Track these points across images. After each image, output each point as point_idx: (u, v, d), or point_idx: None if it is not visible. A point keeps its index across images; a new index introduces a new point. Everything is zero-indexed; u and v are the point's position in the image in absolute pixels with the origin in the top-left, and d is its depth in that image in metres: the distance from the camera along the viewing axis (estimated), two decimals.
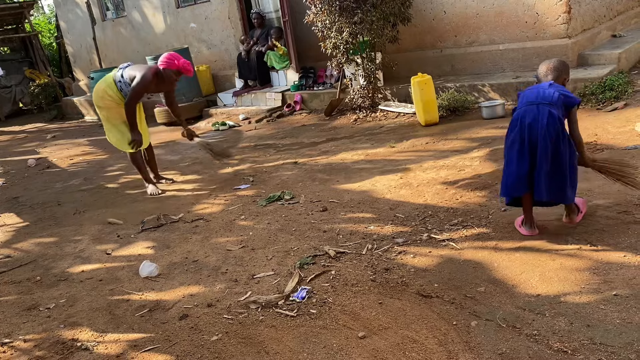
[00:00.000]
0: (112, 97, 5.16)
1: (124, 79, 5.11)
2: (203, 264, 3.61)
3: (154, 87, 5.15)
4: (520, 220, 3.34)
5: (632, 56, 6.80)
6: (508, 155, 3.20)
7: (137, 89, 5.00)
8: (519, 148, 3.10)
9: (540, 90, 3.14)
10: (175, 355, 2.62)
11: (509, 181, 3.16)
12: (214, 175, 5.83)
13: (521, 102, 3.21)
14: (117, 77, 5.15)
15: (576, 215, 3.26)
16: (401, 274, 3.04)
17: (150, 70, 5.04)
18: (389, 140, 5.95)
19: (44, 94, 13.57)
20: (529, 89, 3.24)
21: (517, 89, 6.42)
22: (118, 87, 5.14)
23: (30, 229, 4.96)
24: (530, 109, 3.09)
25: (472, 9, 7.18)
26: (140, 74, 4.99)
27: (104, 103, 5.21)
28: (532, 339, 2.32)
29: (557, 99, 3.06)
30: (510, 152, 3.16)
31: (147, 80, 4.99)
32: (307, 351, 2.49)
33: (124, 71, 5.15)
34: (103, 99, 5.19)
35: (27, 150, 9.38)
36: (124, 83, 5.10)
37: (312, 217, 4.11)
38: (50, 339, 2.95)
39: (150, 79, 5.01)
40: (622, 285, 2.58)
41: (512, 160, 3.15)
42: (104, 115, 5.32)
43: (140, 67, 5.11)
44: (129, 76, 5.07)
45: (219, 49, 10.05)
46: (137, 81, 4.98)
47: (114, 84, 5.15)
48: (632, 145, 4.34)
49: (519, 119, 3.13)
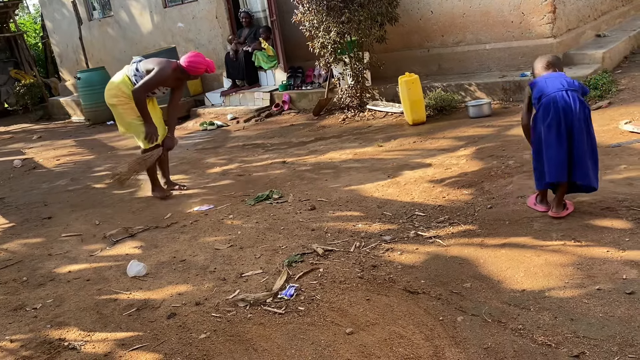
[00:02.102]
0: (126, 94, 4.83)
1: (140, 72, 4.81)
2: (191, 263, 3.60)
3: (171, 82, 4.88)
4: (534, 198, 3.48)
5: (615, 56, 6.90)
6: (546, 139, 3.22)
7: (152, 81, 4.71)
8: (557, 132, 3.16)
9: (561, 78, 3.21)
10: (164, 353, 2.62)
11: (551, 166, 3.21)
12: (202, 175, 5.82)
13: (546, 88, 3.21)
14: (131, 72, 4.86)
15: (563, 210, 3.32)
16: (388, 271, 3.07)
17: (170, 64, 4.78)
18: (377, 140, 5.98)
19: (30, 95, 13.43)
20: (544, 78, 3.27)
21: (503, 88, 6.50)
22: (133, 82, 4.82)
23: (16, 230, 4.92)
24: (560, 94, 3.15)
25: (459, 9, 7.24)
26: (158, 67, 4.73)
27: (117, 100, 4.87)
28: (517, 333, 2.35)
29: (579, 87, 3.19)
30: (549, 136, 3.19)
31: (165, 74, 4.73)
32: (295, 348, 2.50)
33: (138, 64, 4.86)
34: (116, 96, 4.87)
35: (12, 151, 9.29)
36: (140, 76, 4.80)
37: (300, 215, 4.12)
38: (37, 339, 2.93)
39: (168, 73, 4.75)
40: (605, 280, 2.62)
41: (551, 144, 3.18)
42: (118, 113, 4.96)
43: (158, 61, 4.85)
44: (145, 69, 4.79)
45: (206, 48, 10.02)
46: (154, 72, 4.70)
47: (128, 79, 4.84)
48: (615, 143, 4.40)
49: (551, 103, 3.16)
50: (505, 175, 4.19)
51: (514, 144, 4.86)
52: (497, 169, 4.36)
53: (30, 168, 7.66)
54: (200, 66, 4.76)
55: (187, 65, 4.75)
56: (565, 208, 3.34)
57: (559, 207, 3.32)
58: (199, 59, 4.79)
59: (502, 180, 4.11)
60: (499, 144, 5.00)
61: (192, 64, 4.75)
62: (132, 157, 5.17)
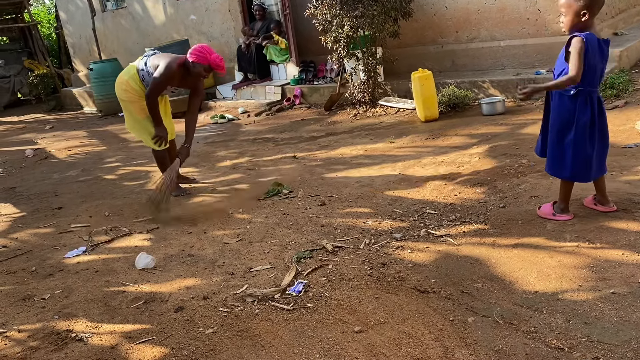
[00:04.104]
0: (135, 90, 4.66)
1: (147, 67, 4.61)
2: (200, 257, 3.59)
3: (178, 80, 4.63)
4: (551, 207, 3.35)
5: (633, 54, 6.78)
6: (590, 135, 3.09)
7: (158, 81, 4.48)
8: (591, 130, 3.08)
9: (602, 69, 3.09)
10: (170, 347, 2.61)
11: (591, 163, 3.13)
12: (212, 168, 5.81)
13: (589, 83, 3.03)
14: (140, 66, 4.66)
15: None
16: (398, 269, 3.03)
17: (177, 60, 4.53)
18: (389, 136, 5.93)
19: (43, 85, 13.51)
20: (593, 42, 2.94)
21: (517, 86, 6.40)
22: (140, 76, 4.64)
23: (26, 220, 4.94)
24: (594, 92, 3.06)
25: (474, 5, 7.15)
26: (164, 63, 4.49)
27: (127, 96, 4.71)
28: (529, 336, 2.30)
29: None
30: (591, 132, 3.09)
31: (170, 71, 4.48)
32: (303, 345, 2.47)
33: (148, 59, 4.65)
34: (126, 91, 4.69)
35: (25, 141, 9.34)
36: (147, 72, 4.60)
37: (310, 211, 4.09)
38: (45, 330, 2.93)
39: (174, 69, 4.49)
40: (620, 283, 2.57)
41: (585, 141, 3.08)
42: (127, 109, 4.79)
43: (165, 56, 4.61)
44: (152, 65, 4.58)
45: (218, 41, 10.01)
46: (159, 71, 4.48)
47: (137, 74, 4.66)
48: (632, 144, 4.32)
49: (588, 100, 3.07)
50: (518, 174, 4.13)
51: (527, 143, 4.79)
52: (510, 167, 4.30)
53: (41, 158, 7.69)
54: (203, 55, 4.46)
55: (191, 58, 4.49)
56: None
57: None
58: (203, 49, 4.52)
59: (515, 179, 4.05)
60: (512, 143, 4.93)
61: (195, 56, 4.47)
62: (157, 180, 4.91)
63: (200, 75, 4.56)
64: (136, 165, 6.49)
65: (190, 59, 4.50)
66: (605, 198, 3.28)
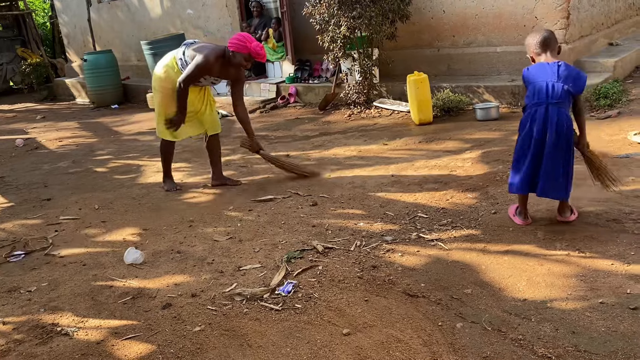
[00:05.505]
0: (172, 79, 4.50)
1: (185, 56, 4.47)
2: (189, 254, 3.56)
3: (218, 71, 4.47)
4: (514, 209, 3.44)
5: (627, 65, 6.82)
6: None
7: (193, 69, 4.34)
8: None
9: (548, 83, 3.13)
10: (157, 344, 2.59)
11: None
12: (204, 164, 5.77)
13: (532, 98, 3.18)
14: (178, 54, 4.52)
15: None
16: (388, 272, 3.02)
17: (215, 52, 4.40)
18: (382, 138, 5.93)
19: (35, 74, 13.37)
20: (535, 68, 3.22)
21: (512, 92, 6.43)
22: (179, 66, 4.49)
23: (14, 210, 4.88)
24: (540, 110, 3.13)
25: (471, 10, 7.16)
26: (202, 53, 4.36)
27: (160, 85, 4.59)
28: (517, 344, 2.31)
29: (564, 95, 3.12)
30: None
31: (207, 61, 4.33)
32: (291, 346, 2.46)
33: (187, 48, 4.52)
34: (161, 79, 4.57)
35: (15, 130, 9.25)
36: (184, 62, 4.47)
37: (301, 211, 4.08)
38: (30, 323, 2.90)
39: (212, 60, 4.35)
40: (609, 294, 2.58)
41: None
42: (157, 100, 4.69)
43: (205, 47, 4.47)
44: (190, 55, 4.44)
45: (215, 36, 9.94)
46: (196, 61, 4.34)
47: (175, 62, 4.52)
48: (624, 154, 4.35)
49: (531, 117, 3.18)
50: None
51: None
52: (502, 173, 4.31)
53: (32, 148, 7.62)
54: (243, 44, 4.31)
55: (231, 47, 4.35)
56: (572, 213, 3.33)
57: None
58: (243, 37, 4.37)
59: (507, 185, 4.05)
60: (505, 149, 4.94)
61: (234, 45, 4.33)
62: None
63: (241, 64, 4.43)
64: (128, 159, 6.44)
65: (230, 48, 4.37)
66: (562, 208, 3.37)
